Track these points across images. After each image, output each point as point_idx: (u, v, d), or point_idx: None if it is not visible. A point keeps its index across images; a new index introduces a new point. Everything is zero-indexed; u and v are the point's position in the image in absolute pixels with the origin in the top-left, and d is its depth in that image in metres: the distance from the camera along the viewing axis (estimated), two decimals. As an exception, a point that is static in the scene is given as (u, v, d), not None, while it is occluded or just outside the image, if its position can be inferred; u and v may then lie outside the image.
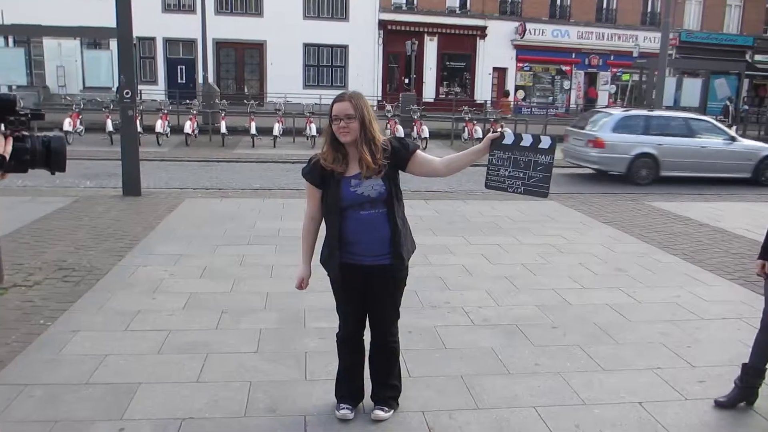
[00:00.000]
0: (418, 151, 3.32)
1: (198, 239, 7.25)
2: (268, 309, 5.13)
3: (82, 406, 3.55)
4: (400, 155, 3.26)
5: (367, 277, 3.30)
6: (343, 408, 3.50)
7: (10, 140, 1.60)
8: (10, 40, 24.72)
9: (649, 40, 31.95)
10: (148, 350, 4.30)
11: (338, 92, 3.36)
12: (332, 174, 3.21)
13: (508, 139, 3.27)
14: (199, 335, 4.57)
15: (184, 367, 4.05)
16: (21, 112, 1.64)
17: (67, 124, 16.68)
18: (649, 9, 34.11)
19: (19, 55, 23.92)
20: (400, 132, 17.78)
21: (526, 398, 3.81)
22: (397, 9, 30.51)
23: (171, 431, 3.33)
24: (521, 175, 3.26)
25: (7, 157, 1.58)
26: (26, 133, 1.66)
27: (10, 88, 21.76)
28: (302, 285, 3.46)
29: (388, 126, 19.25)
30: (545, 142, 3.22)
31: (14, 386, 3.75)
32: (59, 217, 8.16)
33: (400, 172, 3.31)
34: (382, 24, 29.82)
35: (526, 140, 3.24)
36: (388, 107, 20.21)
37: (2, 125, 1.61)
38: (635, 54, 31.05)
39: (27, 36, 24.57)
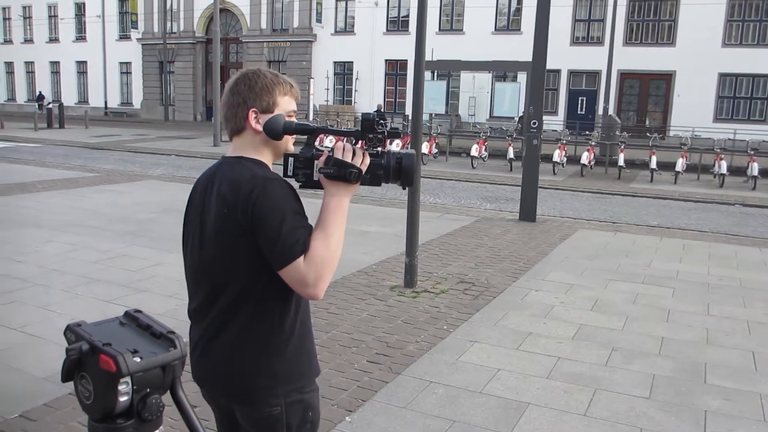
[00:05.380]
0: None
1: (590, 271, 7.19)
2: (663, 355, 4.79)
3: (476, 413, 3.80)
4: None
5: None
6: None
7: (368, 156, 1.81)
8: (435, 74, 28.10)
9: None
10: (537, 373, 4.41)
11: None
12: None
13: None
14: (588, 368, 4.51)
15: (571, 398, 4.04)
16: (379, 131, 1.80)
17: (474, 150, 18.35)
18: None
19: (440, 88, 27.20)
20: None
21: None
22: None
23: (556, 458, 3.34)
24: None
25: (364, 170, 1.79)
26: (383, 150, 1.83)
27: (430, 116, 24.70)
28: None
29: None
30: None
31: (421, 381, 4.21)
32: (462, 234, 8.95)
33: None
34: (823, 48, 25.64)
35: None
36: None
37: (363, 142, 1.82)
38: None
39: (449, 70, 27.71)
